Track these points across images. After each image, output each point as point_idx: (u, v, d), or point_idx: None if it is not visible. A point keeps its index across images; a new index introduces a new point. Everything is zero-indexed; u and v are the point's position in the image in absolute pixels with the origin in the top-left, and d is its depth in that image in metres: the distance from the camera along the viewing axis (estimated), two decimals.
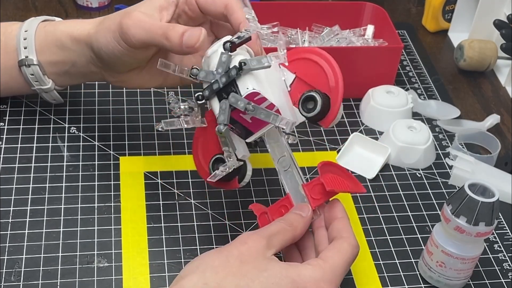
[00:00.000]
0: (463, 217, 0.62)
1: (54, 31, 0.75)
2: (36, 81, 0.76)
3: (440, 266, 0.66)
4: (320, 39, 0.93)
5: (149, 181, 0.76)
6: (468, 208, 0.62)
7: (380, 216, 0.75)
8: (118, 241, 0.69)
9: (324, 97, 0.64)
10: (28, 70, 0.75)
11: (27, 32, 0.75)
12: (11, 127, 0.81)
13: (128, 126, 0.82)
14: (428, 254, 0.67)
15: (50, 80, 0.76)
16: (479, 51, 0.96)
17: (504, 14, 0.98)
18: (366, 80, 0.89)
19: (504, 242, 0.74)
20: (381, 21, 0.93)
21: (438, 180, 0.81)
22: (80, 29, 0.73)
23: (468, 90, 0.96)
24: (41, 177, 0.75)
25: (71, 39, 0.73)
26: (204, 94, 0.64)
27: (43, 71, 0.75)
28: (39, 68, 0.75)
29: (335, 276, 0.58)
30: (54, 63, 0.75)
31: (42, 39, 0.75)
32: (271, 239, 0.59)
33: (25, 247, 0.68)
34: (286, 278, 0.56)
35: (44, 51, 0.75)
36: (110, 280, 0.66)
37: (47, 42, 0.75)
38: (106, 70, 0.74)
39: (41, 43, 0.75)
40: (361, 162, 0.81)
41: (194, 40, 0.65)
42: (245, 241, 0.58)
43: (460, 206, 0.62)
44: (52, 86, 0.77)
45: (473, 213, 0.62)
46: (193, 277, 0.56)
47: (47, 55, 0.75)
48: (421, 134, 0.81)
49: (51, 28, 0.75)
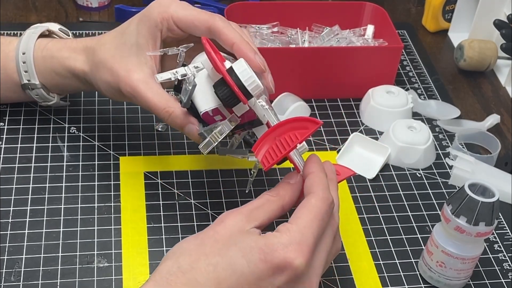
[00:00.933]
0: (463, 217, 0.62)
1: (51, 60, 0.75)
2: (42, 100, 0.78)
3: (440, 266, 0.66)
4: (320, 39, 0.93)
5: (149, 181, 0.76)
6: (468, 208, 0.62)
7: (380, 216, 0.75)
8: (118, 241, 0.69)
9: (219, 90, 0.62)
10: (33, 92, 0.77)
11: (25, 55, 0.75)
12: (11, 127, 0.81)
13: (128, 126, 0.82)
14: (428, 254, 0.67)
15: (55, 94, 0.78)
16: (479, 51, 0.96)
17: (504, 14, 0.98)
18: (366, 80, 0.89)
19: (504, 242, 0.74)
20: (381, 21, 0.93)
21: (438, 180, 0.81)
22: (77, 62, 0.73)
23: (468, 90, 0.96)
24: (41, 177, 0.75)
25: (70, 73, 0.74)
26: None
27: (47, 91, 0.77)
28: (43, 90, 0.76)
29: (304, 236, 0.55)
30: (55, 84, 0.76)
31: (41, 65, 0.75)
32: (252, 213, 0.57)
33: (25, 247, 0.68)
34: (254, 249, 0.54)
35: (45, 76, 0.75)
36: (110, 280, 0.66)
37: (46, 68, 0.75)
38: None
39: (41, 69, 0.75)
40: (361, 162, 0.81)
41: (194, 138, 0.66)
42: (222, 220, 0.57)
43: (460, 206, 0.62)
44: (58, 99, 0.79)
45: (473, 213, 0.62)
46: (168, 262, 0.55)
47: (48, 79, 0.76)
48: (421, 134, 0.81)
49: (48, 54, 0.75)
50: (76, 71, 0.73)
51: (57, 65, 0.74)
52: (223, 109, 0.64)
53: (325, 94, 0.90)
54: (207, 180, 0.77)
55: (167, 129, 0.82)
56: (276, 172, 0.79)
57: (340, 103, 0.90)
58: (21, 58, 0.75)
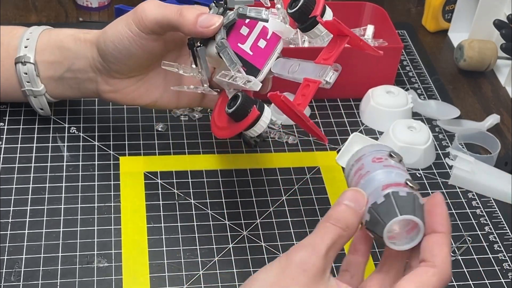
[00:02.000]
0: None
1: (58, 34, 0.75)
2: (28, 81, 0.75)
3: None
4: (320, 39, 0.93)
5: (149, 181, 0.76)
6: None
7: None
8: (118, 241, 0.69)
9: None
10: (23, 68, 0.75)
11: (32, 34, 0.76)
12: (11, 127, 0.81)
13: (128, 126, 0.82)
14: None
15: (42, 85, 0.76)
16: (479, 51, 0.96)
17: (504, 14, 0.98)
18: (366, 80, 0.89)
19: (504, 242, 0.74)
20: (381, 21, 0.93)
21: (438, 180, 0.81)
22: (88, 34, 0.74)
23: (468, 90, 0.96)
24: (41, 177, 0.75)
25: (74, 40, 0.74)
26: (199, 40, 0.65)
27: (37, 73, 0.75)
28: (34, 68, 0.75)
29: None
30: (51, 63, 0.75)
31: (45, 40, 0.75)
32: (328, 255, 0.52)
33: (25, 247, 0.68)
34: None
35: (44, 51, 0.75)
36: (110, 280, 0.66)
37: (49, 43, 0.75)
38: (104, 74, 0.73)
39: (43, 44, 0.75)
40: None
41: (210, 23, 0.65)
42: (304, 269, 0.51)
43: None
44: (43, 91, 0.76)
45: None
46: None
47: (46, 55, 0.75)
48: (421, 134, 0.81)
49: (56, 32, 0.76)
50: (85, 38, 0.73)
51: (63, 36, 0.74)
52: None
53: (325, 94, 0.90)
54: (207, 180, 0.77)
55: (167, 129, 0.82)
56: (276, 172, 0.79)
57: (340, 103, 0.90)
58: (26, 35, 0.75)
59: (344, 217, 0.53)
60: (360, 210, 0.54)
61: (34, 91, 0.76)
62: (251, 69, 0.65)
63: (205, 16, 0.65)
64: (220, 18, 0.65)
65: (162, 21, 0.67)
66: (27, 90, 0.76)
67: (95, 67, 0.73)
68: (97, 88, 0.75)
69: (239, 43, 0.63)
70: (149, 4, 0.68)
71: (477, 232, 0.75)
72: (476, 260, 0.72)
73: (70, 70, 0.75)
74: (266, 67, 0.65)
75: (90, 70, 0.74)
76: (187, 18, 0.66)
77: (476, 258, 0.72)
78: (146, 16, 0.68)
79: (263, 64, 0.64)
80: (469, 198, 0.79)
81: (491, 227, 0.75)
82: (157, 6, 0.68)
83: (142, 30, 0.68)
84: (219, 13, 0.65)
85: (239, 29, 0.65)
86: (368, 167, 0.57)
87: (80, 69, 0.74)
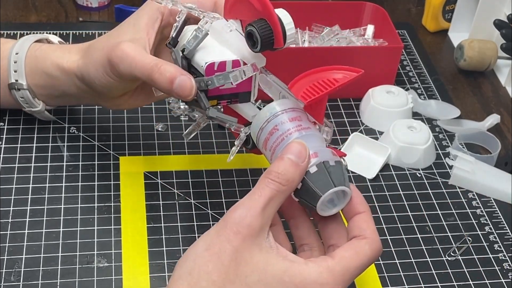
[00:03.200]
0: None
1: (44, 60, 0.73)
2: (27, 103, 0.76)
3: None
4: (320, 39, 0.93)
5: (149, 181, 0.76)
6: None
7: (380, 216, 0.75)
8: (118, 241, 0.69)
9: (260, 26, 0.58)
10: (18, 93, 0.75)
11: (18, 55, 0.74)
12: (11, 127, 0.81)
13: (128, 126, 0.82)
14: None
15: (41, 102, 0.76)
16: (479, 51, 0.96)
17: (504, 14, 0.98)
18: (366, 80, 0.88)
19: (504, 242, 0.74)
20: (381, 21, 0.93)
21: (438, 180, 0.81)
22: (69, 61, 0.71)
23: (468, 90, 0.96)
24: (41, 177, 0.75)
25: (60, 71, 0.72)
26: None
27: (33, 95, 0.75)
28: (29, 92, 0.74)
29: (345, 282, 0.52)
30: (43, 87, 0.75)
31: (33, 64, 0.74)
32: (265, 212, 0.53)
33: (25, 247, 0.68)
34: (287, 284, 0.51)
35: (34, 76, 0.74)
36: (110, 280, 0.66)
37: (37, 68, 0.74)
38: (98, 96, 0.73)
39: (31, 69, 0.74)
40: (361, 162, 0.81)
41: (186, 93, 0.60)
42: (239, 230, 0.52)
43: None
44: (43, 108, 0.76)
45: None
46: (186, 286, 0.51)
47: (36, 80, 0.74)
48: (421, 134, 0.81)
49: (41, 54, 0.74)
50: (68, 68, 0.71)
51: (49, 65, 0.73)
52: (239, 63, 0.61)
53: None
54: (207, 180, 0.77)
55: (167, 129, 0.82)
56: None
57: (340, 103, 0.90)
58: (13, 57, 0.74)
59: (284, 171, 0.53)
60: (302, 163, 0.54)
61: (34, 111, 0.77)
62: (242, 97, 0.63)
63: (178, 83, 0.60)
64: (191, 80, 0.60)
65: (137, 78, 0.64)
66: (27, 110, 0.77)
67: (87, 93, 0.72)
68: (94, 103, 0.76)
69: (220, 86, 0.62)
70: (120, 57, 0.64)
71: (477, 232, 0.75)
72: (476, 260, 0.72)
73: (65, 94, 0.74)
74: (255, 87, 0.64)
75: (85, 94, 0.73)
76: (160, 85, 0.61)
77: (476, 258, 0.72)
78: (120, 71, 0.64)
79: (251, 86, 0.63)
80: (469, 198, 0.79)
81: (491, 227, 0.75)
82: (129, 63, 0.63)
83: (121, 78, 0.66)
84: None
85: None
86: (286, 127, 0.57)
87: (74, 93, 0.74)
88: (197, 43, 0.61)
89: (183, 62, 0.62)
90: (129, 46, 0.64)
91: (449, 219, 0.76)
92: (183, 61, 0.62)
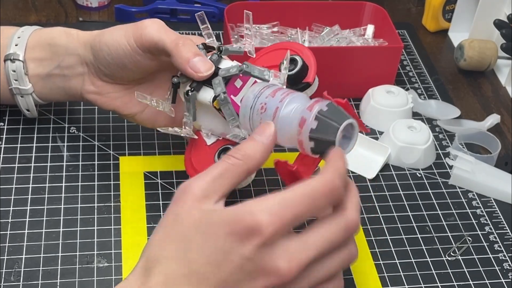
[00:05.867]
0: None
1: (51, 31, 0.75)
2: (16, 79, 0.75)
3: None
4: (320, 38, 0.93)
5: (149, 181, 0.76)
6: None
7: (380, 216, 0.75)
8: (118, 241, 0.69)
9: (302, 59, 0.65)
10: (12, 65, 0.74)
11: (23, 32, 0.75)
12: (11, 127, 0.81)
13: (128, 126, 0.82)
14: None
15: (30, 84, 0.75)
16: (479, 51, 0.96)
17: (504, 14, 0.98)
18: (366, 80, 0.89)
19: (504, 242, 0.74)
20: (381, 21, 0.93)
21: (438, 180, 0.81)
22: (82, 32, 0.73)
23: (468, 90, 0.96)
24: (41, 177, 0.75)
25: (66, 35, 0.73)
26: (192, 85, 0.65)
27: (26, 71, 0.74)
28: (23, 66, 0.74)
29: (282, 209, 0.51)
30: (40, 60, 0.74)
31: (37, 37, 0.75)
32: (216, 181, 0.54)
33: (25, 247, 0.68)
34: (220, 225, 0.51)
35: (34, 48, 0.74)
36: (110, 280, 0.66)
37: (41, 40, 0.74)
38: (92, 74, 0.72)
39: (34, 41, 0.75)
40: (361, 162, 0.81)
41: (201, 69, 0.63)
42: (181, 197, 0.55)
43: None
44: (30, 90, 0.75)
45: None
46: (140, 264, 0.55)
47: (36, 53, 0.74)
48: (421, 134, 0.81)
49: (49, 29, 0.75)
50: (78, 36, 0.73)
51: (55, 32, 0.74)
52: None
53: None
54: None
55: None
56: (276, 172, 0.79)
57: None
58: (18, 34, 0.75)
59: (243, 147, 0.56)
60: (266, 140, 0.56)
61: (21, 90, 0.75)
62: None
63: (199, 60, 0.63)
64: (212, 67, 0.63)
65: (158, 44, 0.66)
66: (14, 88, 0.75)
67: (85, 65, 0.73)
68: (82, 88, 0.74)
69: (232, 94, 0.63)
70: (151, 23, 0.67)
71: (477, 232, 0.75)
72: (476, 260, 0.72)
73: (59, 67, 0.74)
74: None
75: (79, 67, 0.73)
76: (181, 53, 0.64)
77: (476, 258, 0.72)
78: (145, 34, 0.67)
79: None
80: (469, 198, 0.79)
81: (491, 227, 0.75)
82: (158, 28, 0.67)
83: (139, 46, 0.67)
84: (213, 59, 0.64)
85: (234, 81, 0.64)
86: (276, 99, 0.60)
87: (69, 65, 0.73)
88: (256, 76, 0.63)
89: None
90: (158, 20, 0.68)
91: (449, 219, 0.76)
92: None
